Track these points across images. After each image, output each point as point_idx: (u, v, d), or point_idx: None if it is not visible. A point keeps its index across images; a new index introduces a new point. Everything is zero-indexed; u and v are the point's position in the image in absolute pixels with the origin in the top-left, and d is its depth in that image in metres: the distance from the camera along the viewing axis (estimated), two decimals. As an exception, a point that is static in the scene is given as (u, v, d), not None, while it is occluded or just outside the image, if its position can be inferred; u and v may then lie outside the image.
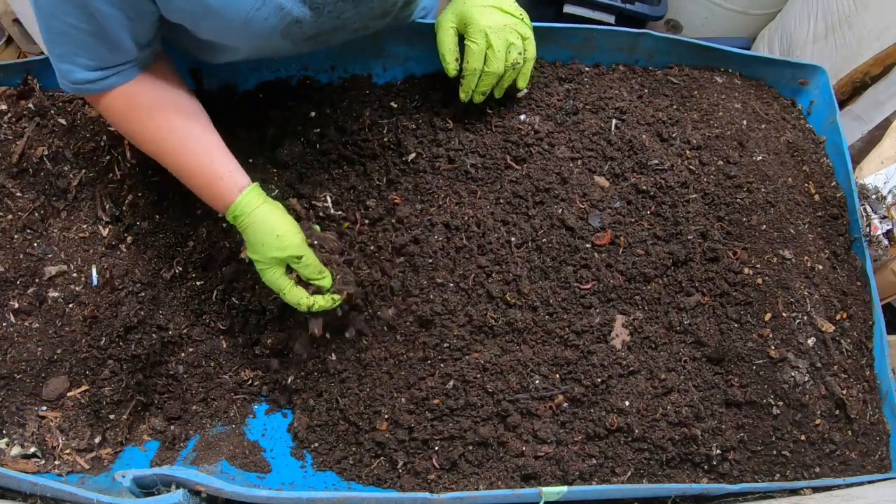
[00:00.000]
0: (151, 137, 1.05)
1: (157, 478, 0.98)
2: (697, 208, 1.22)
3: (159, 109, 1.04)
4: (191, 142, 1.05)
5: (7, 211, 1.23)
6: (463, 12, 1.16)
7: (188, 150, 1.05)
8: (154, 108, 1.04)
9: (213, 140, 1.07)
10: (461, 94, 1.22)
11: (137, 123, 1.05)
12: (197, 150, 1.05)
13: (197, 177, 1.06)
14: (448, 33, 1.19)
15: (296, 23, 1.01)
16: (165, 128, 1.04)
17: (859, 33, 1.69)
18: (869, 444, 1.22)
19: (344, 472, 1.15)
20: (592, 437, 1.12)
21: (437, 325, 1.14)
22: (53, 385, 1.14)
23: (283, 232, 1.05)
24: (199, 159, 1.05)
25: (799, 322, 1.20)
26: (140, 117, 1.04)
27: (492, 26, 1.14)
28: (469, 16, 1.15)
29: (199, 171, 1.06)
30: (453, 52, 1.20)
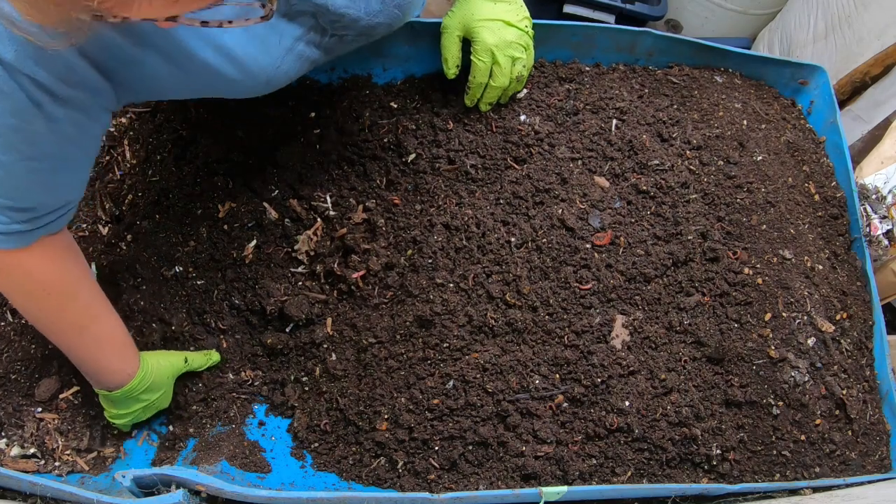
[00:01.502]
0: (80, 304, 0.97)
1: (157, 478, 0.98)
2: (697, 208, 1.22)
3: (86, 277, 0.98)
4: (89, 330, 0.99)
5: (7, 211, 1.23)
6: (469, 26, 1.16)
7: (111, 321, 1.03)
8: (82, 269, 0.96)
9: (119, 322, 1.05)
10: (466, 101, 1.23)
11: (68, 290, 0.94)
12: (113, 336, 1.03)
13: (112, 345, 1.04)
14: (454, 41, 1.19)
15: (309, 64, 1.01)
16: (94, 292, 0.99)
17: (859, 33, 1.69)
18: (869, 444, 1.22)
19: (344, 472, 1.15)
20: (592, 437, 1.12)
21: (437, 325, 1.14)
22: (45, 386, 1.13)
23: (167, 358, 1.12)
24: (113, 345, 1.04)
25: (799, 322, 1.20)
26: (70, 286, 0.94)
27: (498, 44, 1.14)
28: (475, 32, 1.15)
29: (117, 341, 1.04)
30: (456, 59, 1.20)
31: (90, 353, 1.02)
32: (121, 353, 1.05)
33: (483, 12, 1.15)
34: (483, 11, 1.15)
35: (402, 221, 1.24)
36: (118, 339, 1.04)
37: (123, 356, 1.05)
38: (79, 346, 1.01)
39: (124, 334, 1.06)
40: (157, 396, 1.12)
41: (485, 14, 1.14)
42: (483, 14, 1.14)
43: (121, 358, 1.05)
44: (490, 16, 1.14)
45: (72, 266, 0.95)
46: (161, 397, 1.13)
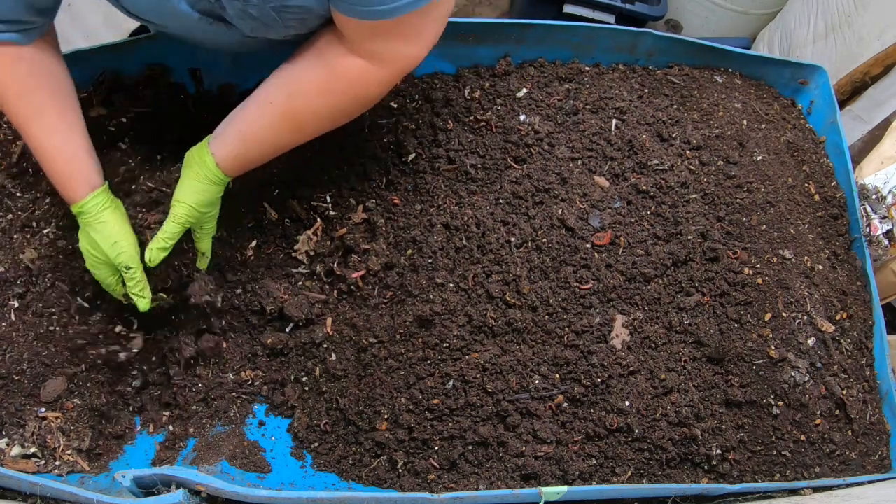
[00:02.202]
0: (21, 114, 1.02)
1: (157, 478, 0.98)
2: (697, 208, 1.22)
3: (35, 86, 1.02)
4: (57, 129, 1.03)
5: (7, 211, 1.23)
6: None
7: (53, 136, 1.03)
8: (31, 83, 1.01)
9: (78, 133, 1.06)
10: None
11: (12, 94, 1.01)
12: (60, 140, 1.04)
13: (54, 164, 1.04)
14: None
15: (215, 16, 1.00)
16: (37, 109, 1.02)
17: (859, 33, 1.69)
18: (869, 444, 1.22)
19: (344, 472, 1.15)
20: (592, 437, 1.12)
21: (437, 325, 1.14)
22: (51, 387, 1.13)
23: (119, 240, 1.06)
24: (61, 149, 1.04)
25: (799, 322, 1.20)
26: (15, 87, 1.01)
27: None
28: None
29: (57, 160, 1.04)
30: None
31: (39, 162, 1.07)
32: (91, 159, 1.07)
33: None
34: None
35: (402, 221, 1.24)
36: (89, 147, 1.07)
37: (92, 164, 1.07)
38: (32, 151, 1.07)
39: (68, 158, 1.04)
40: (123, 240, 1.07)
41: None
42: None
43: (60, 184, 1.06)
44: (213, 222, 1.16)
45: (15, 80, 1.00)
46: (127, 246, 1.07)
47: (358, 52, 1.00)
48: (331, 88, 1.03)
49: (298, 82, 1.04)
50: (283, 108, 1.04)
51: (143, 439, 1.19)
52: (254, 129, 1.06)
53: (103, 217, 1.06)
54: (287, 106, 1.04)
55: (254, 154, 1.09)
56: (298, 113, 1.04)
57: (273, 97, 1.04)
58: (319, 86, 1.03)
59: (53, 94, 1.04)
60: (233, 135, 1.07)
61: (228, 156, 1.07)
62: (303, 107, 1.04)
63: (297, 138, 1.09)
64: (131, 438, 1.19)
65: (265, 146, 1.08)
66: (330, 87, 1.03)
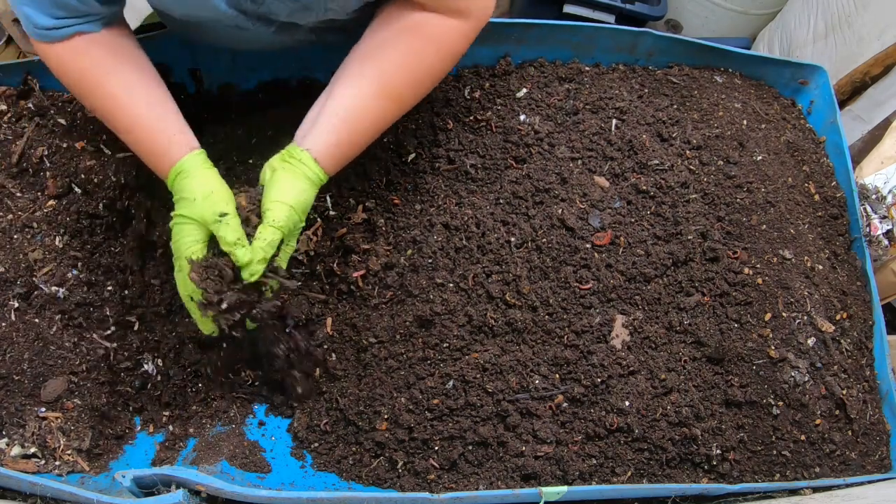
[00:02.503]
0: (106, 94, 1.02)
1: (157, 478, 0.98)
2: (697, 208, 1.22)
3: (117, 67, 1.02)
4: (145, 103, 1.02)
5: (7, 211, 1.23)
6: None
7: (142, 107, 1.02)
8: (112, 64, 1.02)
9: (168, 103, 1.05)
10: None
11: (91, 83, 1.02)
12: (151, 109, 1.02)
13: (147, 134, 1.02)
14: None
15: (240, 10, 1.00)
16: (121, 86, 1.02)
17: (859, 33, 1.69)
18: (869, 444, 1.22)
19: (344, 472, 1.15)
20: (592, 437, 1.12)
21: (437, 325, 1.14)
22: (52, 387, 1.13)
23: (217, 190, 1.00)
24: (151, 119, 1.02)
25: (799, 322, 1.20)
26: (93, 76, 1.01)
27: None
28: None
29: (150, 129, 1.02)
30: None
31: (131, 142, 1.05)
32: (184, 124, 1.04)
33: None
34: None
35: (402, 221, 1.24)
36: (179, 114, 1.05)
37: (187, 129, 1.04)
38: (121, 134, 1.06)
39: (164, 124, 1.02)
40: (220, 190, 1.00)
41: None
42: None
43: (156, 153, 1.03)
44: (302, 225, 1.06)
45: (96, 63, 1.01)
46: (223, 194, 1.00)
47: (439, 11, 1.00)
48: (421, 51, 1.01)
49: (386, 53, 1.01)
50: (379, 81, 1.01)
51: (143, 439, 1.20)
52: (351, 109, 1.01)
53: (202, 172, 1.01)
54: (382, 79, 1.01)
55: (355, 137, 1.03)
56: (395, 84, 1.02)
57: (364, 72, 1.01)
58: (410, 51, 1.01)
59: (137, 70, 1.04)
60: (327, 123, 1.01)
61: (328, 145, 1.01)
62: (398, 76, 1.02)
63: (396, 111, 1.05)
64: (131, 438, 1.19)
65: (366, 126, 1.03)
66: (420, 50, 1.01)
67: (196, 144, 1.04)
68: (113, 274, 1.23)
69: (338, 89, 1.02)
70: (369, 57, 1.02)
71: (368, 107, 1.02)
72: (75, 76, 1.03)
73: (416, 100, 1.07)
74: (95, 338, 1.20)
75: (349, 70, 1.03)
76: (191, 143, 1.04)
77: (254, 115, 1.33)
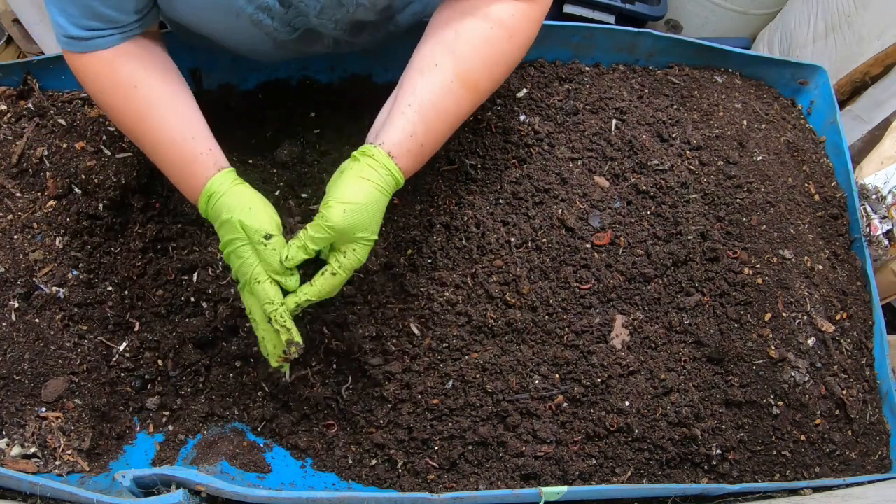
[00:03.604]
0: (133, 110, 0.99)
1: (157, 478, 0.98)
2: (697, 208, 1.22)
3: (145, 81, 0.99)
4: (172, 118, 0.99)
5: (7, 211, 1.23)
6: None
7: (169, 125, 0.98)
8: (140, 78, 0.98)
9: (196, 119, 1.02)
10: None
11: (120, 97, 0.99)
12: (178, 127, 0.99)
13: (175, 154, 0.99)
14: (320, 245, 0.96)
15: (265, 9, 0.99)
16: (148, 101, 0.99)
17: (859, 33, 1.69)
18: (869, 444, 1.22)
19: (344, 472, 1.15)
20: (592, 437, 1.12)
21: (437, 325, 1.14)
22: (52, 387, 1.13)
23: (255, 205, 0.95)
24: (181, 135, 0.98)
25: (799, 322, 1.20)
26: (122, 90, 0.99)
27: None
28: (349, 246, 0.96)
29: (178, 148, 0.98)
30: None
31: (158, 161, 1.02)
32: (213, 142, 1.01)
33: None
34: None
35: (402, 221, 1.24)
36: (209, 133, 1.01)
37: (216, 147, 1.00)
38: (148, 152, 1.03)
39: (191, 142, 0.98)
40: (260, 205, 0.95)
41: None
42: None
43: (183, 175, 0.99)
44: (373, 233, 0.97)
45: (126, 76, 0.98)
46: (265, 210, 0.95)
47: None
48: (494, 38, 0.98)
49: (459, 42, 0.97)
50: (454, 71, 0.96)
51: (143, 439, 1.19)
52: (425, 101, 0.96)
53: (237, 189, 0.96)
54: (458, 69, 0.96)
55: (432, 131, 0.97)
56: (471, 73, 0.97)
57: (437, 62, 0.97)
58: (483, 39, 0.98)
59: (167, 85, 1.00)
60: (400, 116, 0.96)
61: (403, 137, 0.95)
62: (473, 65, 0.97)
63: (473, 101, 1.00)
64: (131, 438, 1.19)
65: (443, 117, 0.98)
66: (493, 37, 0.98)
67: (225, 164, 1.00)
68: (113, 274, 1.23)
69: (409, 81, 0.98)
70: (442, 47, 0.98)
71: (444, 98, 0.97)
72: (105, 89, 1.00)
73: (493, 89, 1.03)
74: (96, 338, 1.20)
75: (421, 61, 0.99)
76: (219, 163, 1.00)
77: (254, 115, 1.33)
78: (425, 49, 1.00)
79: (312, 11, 1.02)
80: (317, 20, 1.04)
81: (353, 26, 1.09)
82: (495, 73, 1.02)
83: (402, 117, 0.96)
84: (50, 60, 1.31)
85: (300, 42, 1.10)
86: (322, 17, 1.03)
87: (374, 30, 1.13)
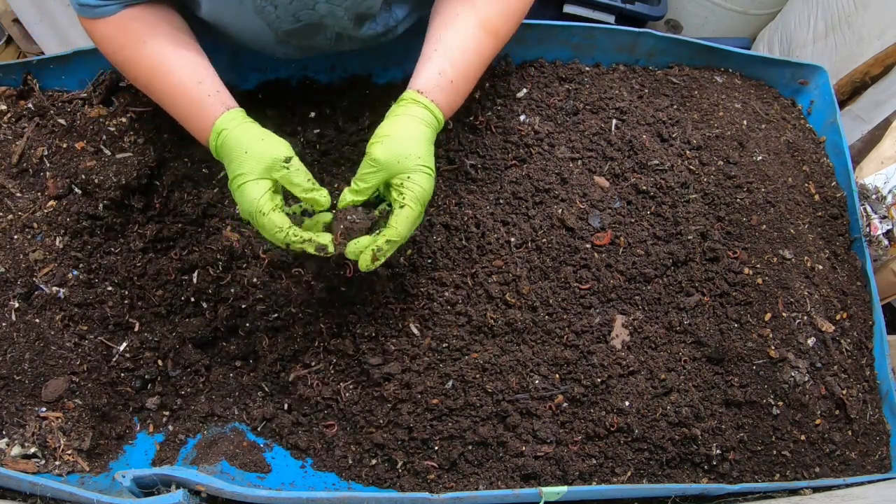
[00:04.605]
0: (144, 63, 1.05)
1: (157, 478, 0.98)
2: (697, 208, 1.23)
3: (153, 37, 1.05)
4: (181, 65, 1.04)
5: (7, 211, 1.23)
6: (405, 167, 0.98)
7: (177, 72, 1.04)
8: (148, 35, 1.05)
9: (203, 65, 1.07)
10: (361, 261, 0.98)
11: (130, 53, 1.05)
12: (186, 72, 1.04)
13: (184, 99, 1.04)
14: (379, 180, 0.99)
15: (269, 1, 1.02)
16: (157, 53, 1.04)
17: (859, 33, 1.69)
18: (869, 444, 1.22)
19: (344, 472, 1.15)
20: (592, 437, 1.12)
21: (437, 325, 1.14)
22: (53, 387, 1.14)
23: (267, 136, 0.98)
24: (189, 79, 1.04)
25: (799, 322, 1.20)
26: (132, 47, 1.05)
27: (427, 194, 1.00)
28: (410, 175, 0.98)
29: (186, 92, 1.03)
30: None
31: (169, 108, 1.08)
32: (221, 85, 1.06)
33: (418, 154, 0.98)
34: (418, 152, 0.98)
35: (402, 221, 1.24)
36: (216, 77, 1.06)
37: (224, 89, 1.06)
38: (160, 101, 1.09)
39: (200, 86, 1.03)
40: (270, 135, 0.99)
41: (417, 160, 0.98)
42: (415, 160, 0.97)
43: (194, 117, 1.04)
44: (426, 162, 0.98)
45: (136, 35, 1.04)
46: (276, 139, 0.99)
47: None
48: None
49: None
50: (475, 18, 1.05)
51: (143, 439, 1.20)
52: (449, 44, 1.04)
53: (246, 126, 1.00)
54: (478, 16, 1.05)
55: (461, 67, 1.03)
56: (491, 19, 1.05)
57: (458, 12, 1.05)
58: None
59: (174, 39, 1.06)
60: (426, 60, 1.03)
61: (432, 76, 1.02)
62: (491, 12, 1.05)
63: (493, 46, 1.08)
64: (131, 438, 1.19)
65: (466, 57, 1.04)
66: None
67: (233, 103, 1.05)
68: (113, 274, 1.23)
69: (433, 33, 1.05)
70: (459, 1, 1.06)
71: (468, 41, 1.04)
72: (117, 48, 1.06)
73: (510, 34, 1.10)
74: (96, 338, 1.20)
75: (442, 16, 1.06)
76: (227, 103, 1.04)
77: (254, 115, 1.33)
78: (445, 5, 1.07)
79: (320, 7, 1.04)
80: (326, 7, 1.06)
81: (359, 16, 1.11)
82: (512, 20, 1.09)
83: (429, 62, 1.03)
84: (50, 60, 1.31)
85: (301, 34, 1.11)
86: (332, 3, 1.05)
87: (374, 20, 1.15)
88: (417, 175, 0.96)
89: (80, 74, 1.33)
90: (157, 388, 1.23)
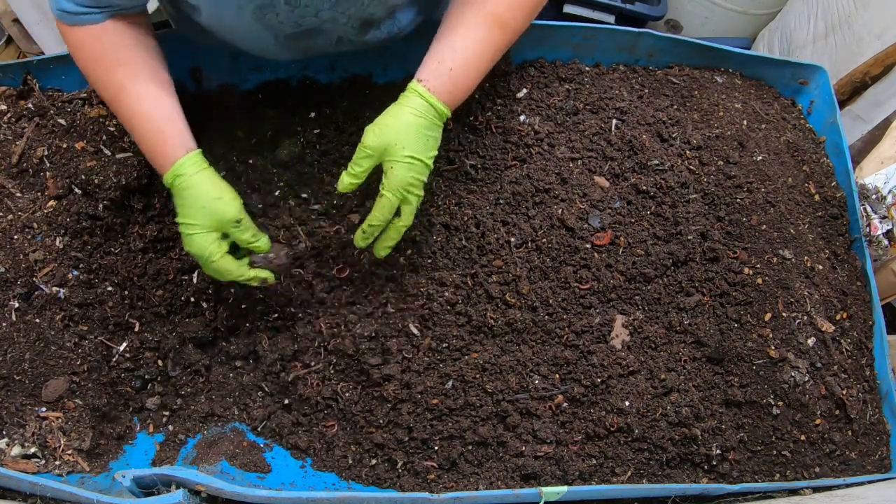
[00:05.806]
0: (112, 86, 1.06)
1: (157, 478, 0.98)
2: (697, 208, 1.23)
3: (126, 60, 1.05)
4: (147, 98, 1.05)
5: (7, 211, 1.23)
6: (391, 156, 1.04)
7: (143, 105, 1.05)
8: (121, 57, 1.05)
9: (169, 101, 1.08)
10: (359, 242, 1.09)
11: (102, 69, 1.06)
12: (151, 108, 1.05)
13: (147, 133, 1.06)
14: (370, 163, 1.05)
15: (269, 5, 1.02)
16: (126, 79, 1.05)
17: (859, 33, 1.69)
18: (869, 444, 1.22)
19: (343, 472, 1.15)
20: (592, 437, 1.12)
21: (437, 325, 1.14)
22: (53, 387, 1.14)
23: (223, 195, 1.05)
24: (152, 116, 1.05)
25: (799, 322, 1.20)
26: (105, 63, 1.05)
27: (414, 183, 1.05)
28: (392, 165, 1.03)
29: (149, 128, 1.05)
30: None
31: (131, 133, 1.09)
32: (183, 125, 1.08)
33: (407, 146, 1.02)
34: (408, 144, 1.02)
35: (402, 221, 1.24)
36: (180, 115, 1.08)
37: (185, 130, 1.07)
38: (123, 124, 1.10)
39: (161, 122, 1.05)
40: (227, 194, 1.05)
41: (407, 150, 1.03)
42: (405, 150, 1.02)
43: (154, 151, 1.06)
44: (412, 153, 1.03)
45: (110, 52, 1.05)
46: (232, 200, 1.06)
47: None
48: None
49: None
50: (482, 10, 1.04)
51: (143, 439, 1.20)
52: (456, 33, 1.04)
53: (203, 177, 1.05)
54: (486, 9, 1.04)
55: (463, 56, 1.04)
56: (498, 11, 1.05)
57: (467, 4, 1.05)
58: None
59: (148, 65, 1.07)
60: (429, 53, 1.04)
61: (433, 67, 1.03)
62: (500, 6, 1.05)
63: (502, 39, 1.07)
64: (131, 438, 1.19)
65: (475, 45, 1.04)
66: None
67: (193, 145, 1.07)
68: (113, 274, 1.23)
69: (442, 25, 1.06)
70: None
71: (473, 31, 1.04)
72: (89, 60, 1.06)
73: (521, 28, 1.10)
74: (96, 338, 1.20)
75: (453, 8, 1.07)
76: (188, 144, 1.07)
77: (254, 115, 1.33)
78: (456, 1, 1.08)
79: (326, 5, 1.04)
80: (329, 14, 1.06)
81: (363, 23, 1.11)
82: (522, 12, 1.09)
83: (431, 52, 1.05)
84: (50, 60, 1.31)
85: (303, 38, 1.10)
86: (336, 10, 1.06)
87: (378, 27, 1.14)
88: (399, 165, 1.02)
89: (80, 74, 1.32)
90: (157, 388, 1.23)
